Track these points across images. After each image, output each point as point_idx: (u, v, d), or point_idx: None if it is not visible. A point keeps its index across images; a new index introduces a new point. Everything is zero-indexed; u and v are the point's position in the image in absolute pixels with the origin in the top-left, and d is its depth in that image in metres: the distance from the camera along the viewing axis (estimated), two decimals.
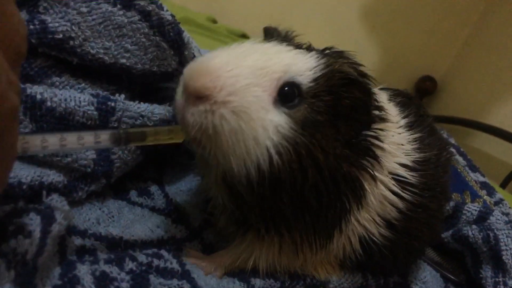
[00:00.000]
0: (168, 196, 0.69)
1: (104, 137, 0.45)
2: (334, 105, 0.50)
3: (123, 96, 0.58)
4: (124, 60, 0.58)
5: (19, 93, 0.31)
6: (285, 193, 0.50)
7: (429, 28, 2.40)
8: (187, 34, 0.63)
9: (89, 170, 0.56)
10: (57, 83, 0.55)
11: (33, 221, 0.40)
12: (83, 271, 0.45)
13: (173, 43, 0.60)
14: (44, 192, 0.49)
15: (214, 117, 0.45)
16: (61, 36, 0.53)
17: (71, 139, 0.43)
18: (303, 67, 0.50)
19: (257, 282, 0.59)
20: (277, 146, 0.47)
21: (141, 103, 0.60)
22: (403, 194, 0.60)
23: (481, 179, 1.00)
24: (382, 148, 0.56)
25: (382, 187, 0.58)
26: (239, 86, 0.46)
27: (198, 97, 0.46)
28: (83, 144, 0.44)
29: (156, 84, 0.65)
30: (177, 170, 0.77)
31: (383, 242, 0.61)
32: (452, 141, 1.17)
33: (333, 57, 0.53)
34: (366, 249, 0.62)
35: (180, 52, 0.62)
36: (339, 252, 0.62)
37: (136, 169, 0.70)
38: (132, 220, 0.60)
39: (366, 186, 0.56)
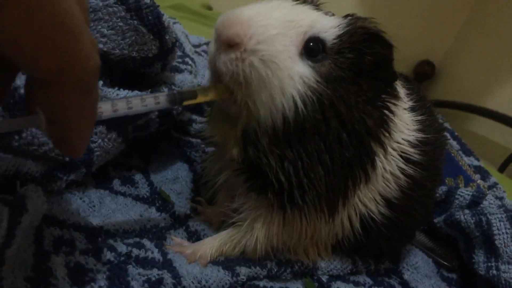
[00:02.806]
0: (153, 184, 0.68)
1: (162, 98, 0.47)
2: (357, 62, 0.53)
3: (101, 82, 0.56)
4: (101, 45, 0.56)
5: (98, 52, 0.33)
6: (309, 145, 0.52)
7: (427, 12, 2.37)
8: (167, 18, 0.61)
9: (67, 159, 0.54)
10: None
11: (0, 212, 0.39)
12: (57, 262, 0.44)
13: (152, 27, 0.58)
14: (18, 182, 0.48)
15: (244, 65, 0.48)
16: None
17: (136, 102, 0.45)
18: (327, 24, 0.53)
19: (242, 270, 0.58)
20: (302, 95, 0.50)
21: (121, 89, 0.58)
22: (408, 171, 0.61)
23: (476, 163, 0.99)
24: (394, 123, 0.58)
25: (390, 161, 0.60)
26: (268, 35, 0.48)
27: (229, 45, 0.48)
28: (146, 106, 0.46)
29: (137, 70, 0.63)
30: (163, 158, 0.75)
31: (382, 220, 0.62)
32: (447, 125, 1.15)
33: (356, 19, 0.55)
34: (365, 228, 0.62)
35: (160, 36, 0.60)
36: (339, 230, 0.62)
37: (120, 158, 0.69)
38: (113, 210, 0.58)
39: (377, 159, 0.58)
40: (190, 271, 0.53)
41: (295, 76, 0.50)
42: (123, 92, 0.58)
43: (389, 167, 0.60)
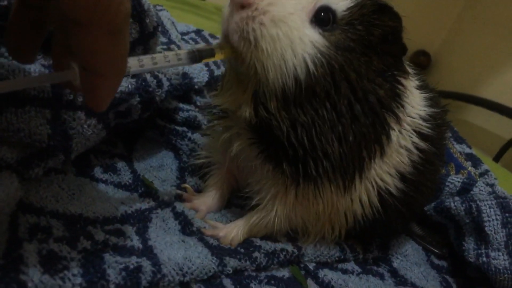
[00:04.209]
0: (136, 172, 0.66)
1: (183, 55, 0.49)
2: (366, 35, 0.54)
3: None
4: None
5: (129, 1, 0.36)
6: (321, 110, 0.53)
7: (422, 2, 2.36)
8: (147, 1, 0.60)
9: (44, 145, 0.53)
10: (6, 54, 0.52)
11: None
12: (29, 250, 0.42)
13: (131, 9, 0.57)
14: None
15: (254, 23, 0.49)
16: (6, 3, 0.50)
17: (160, 57, 0.47)
18: None
19: (231, 262, 0.56)
20: (313, 58, 0.51)
21: None
22: (421, 145, 0.62)
23: (467, 150, 0.98)
24: (406, 96, 0.59)
25: (405, 135, 0.61)
26: None
27: (242, 5, 0.50)
28: (169, 61, 0.48)
29: None
30: (148, 147, 0.74)
31: (399, 195, 0.63)
32: None
33: None
34: (382, 204, 0.63)
35: (140, 19, 0.59)
36: (357, 207, 0.62)
37: (103, 146, 0.68)
38: (94, 197, 0.57)
39: (392, 132, 0.58)
40: (172, 257, 0.51)
41: (305, 39, 0.51)
42: None
43: (404, 141, 0.61)
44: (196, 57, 0.50)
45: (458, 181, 0.80)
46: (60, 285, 0.41)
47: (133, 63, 0.44)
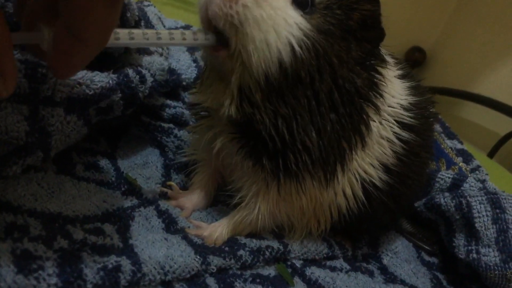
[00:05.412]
0: (120, 169, 0.65)
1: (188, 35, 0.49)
2: (345, 19, 0.53)
3: None
4: None
5: None
6: (302, 100, 0.52)
7: None
8: None
9: (21, 142, 0.51)
10: None
11: None
12: (2, 249, 0.41)
13: None
14: None
15: (238, 5, 0.47)
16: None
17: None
18: None
19: (215, 260, 0.55)
20: (298, 40, 0.49)
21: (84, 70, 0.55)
22: (403, 135, 0.61)
23: (459, 146, 0.97)
24: (385, 86, 0.58)
25: (385, 126, 0.60)
26: None
27: None
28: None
29: None
30: (132, 144, 0.73)
31: (383, 187, 0.62)
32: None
33: None
34: (367, 197, 0.61)
35: (121, 13, 0.57)
36: (341, 200, 0.61)
37: (85, 143, 0.67)
38: (74, 196, 0.56)
39: (372, 123, 0.57)
40: (153, 256, 0.50)
41: (290, 21, 0.49)
42: (81, 72, 0.55)
43: (385, 132, 0.60)
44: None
45: (449, 177, 0.79)
46: (35, 285, 0.40)
47: (123, 35, 0.43)
